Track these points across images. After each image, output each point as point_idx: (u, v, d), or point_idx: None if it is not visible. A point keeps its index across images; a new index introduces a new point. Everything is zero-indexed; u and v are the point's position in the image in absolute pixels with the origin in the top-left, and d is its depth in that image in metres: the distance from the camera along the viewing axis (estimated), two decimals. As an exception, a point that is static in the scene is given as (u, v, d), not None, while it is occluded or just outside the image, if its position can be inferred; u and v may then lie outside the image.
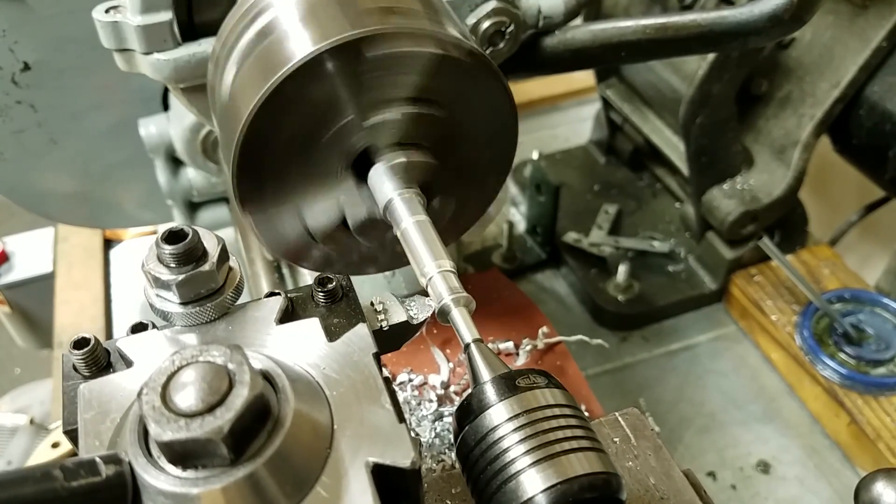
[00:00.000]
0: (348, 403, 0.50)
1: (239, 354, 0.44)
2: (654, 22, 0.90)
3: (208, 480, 0.43)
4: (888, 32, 1.15)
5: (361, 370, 0.52)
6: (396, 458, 0.47)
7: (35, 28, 1.04)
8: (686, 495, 0.68)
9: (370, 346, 0.54)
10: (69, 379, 0.56)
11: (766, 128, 1.31)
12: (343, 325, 0.56)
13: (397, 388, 1.07)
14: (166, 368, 0.44)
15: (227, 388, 0.43)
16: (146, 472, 0.44)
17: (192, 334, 0.57)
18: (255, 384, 0.43)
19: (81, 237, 1.63)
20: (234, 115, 0.66)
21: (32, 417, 1.67)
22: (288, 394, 0.47)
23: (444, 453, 0.98)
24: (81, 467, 0.42)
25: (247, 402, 0.42)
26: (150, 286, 0.56)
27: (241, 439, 0.43)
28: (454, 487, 0.71)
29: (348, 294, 0.60)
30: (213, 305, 0.57)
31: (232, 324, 0.58)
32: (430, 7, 0.69)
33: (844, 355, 1.24)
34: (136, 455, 0.44)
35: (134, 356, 0.56)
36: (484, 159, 0.75)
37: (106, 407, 0.51)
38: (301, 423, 0.46)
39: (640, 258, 1.47)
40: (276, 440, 0.44)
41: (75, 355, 0.55)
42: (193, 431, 0.41)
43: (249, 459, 0.43)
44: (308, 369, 0.52)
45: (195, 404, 0.42)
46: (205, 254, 0.56)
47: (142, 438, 0.45)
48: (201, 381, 0.43)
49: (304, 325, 0.56)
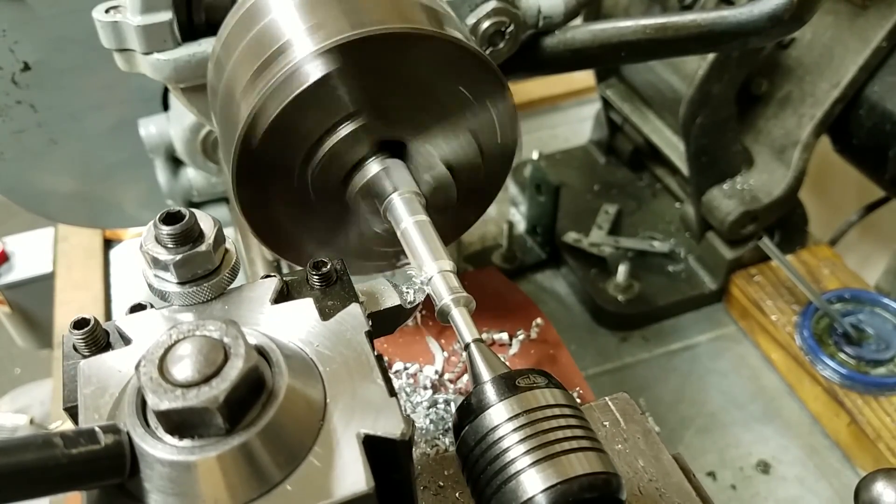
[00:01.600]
0: (341, 378, 0.51)
1: (234, 329, 0.46)
2: (654, 22, 0.90)
3: (204, 449, 0.44)
4: (888, 32, 1.15)
5: (354, 347, 0.53)
6: (387, 430, 0.48)
7: (35, 28, 1.04)
8: (674, 477, 0.69)
9: (363, 324, 0.55)
10: (69, 358, 0.57)
11: (766, 128, 1.31)
12: (337, 307, 0.57)
13: (392, 376, 1.08)
14: (163, 342, 0.45)
15: (222, 360, 0.44)
16: (144, 442, 0.45)
17: (189, 313, 0.58)
18: (250, 357, 0.45)
19: (81, 237, 1.63)
20: (234, 116, 0.66)
21: (32, 417, 1.67)
22: (282, 368, 0.48)
23: (437, 438, 0.99)
24: (81, 436, 0.43)
25: (242, 374, 0.43)
26: (149, 266, 0.57)
27: (236, 409, 0.44)
28: (447, 469, 0.72)
29: (342, 277, 0.61)
30: (209, 285, 0.58)
31: (228, 303, 0.59)
32: (428, 10, 0.69)
33: (844, 355, 1.24)
34: (135, 425, 0.45)
35: (132, 334, 0.57)
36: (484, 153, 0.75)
37: (105, 382, 0.52)
38: (294, 396, 0.47)
39: (640, 258, 1.47)
40: (270, 411, 0.45)
41: (75, 335, 0.56)
42: (190, 401, 0.42)
43: (244, 429, 0.44)
44: (301, 346, 0.53)
45: (191, 375, 0.43)
46: (201, 235, 0.57)
47: (140, 410, 0.46)
48: (197, 353, 0.44)
49: (299, 304, 0.57)
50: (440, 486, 0.71)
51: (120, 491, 0.46)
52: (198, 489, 0.44)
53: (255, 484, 0.45)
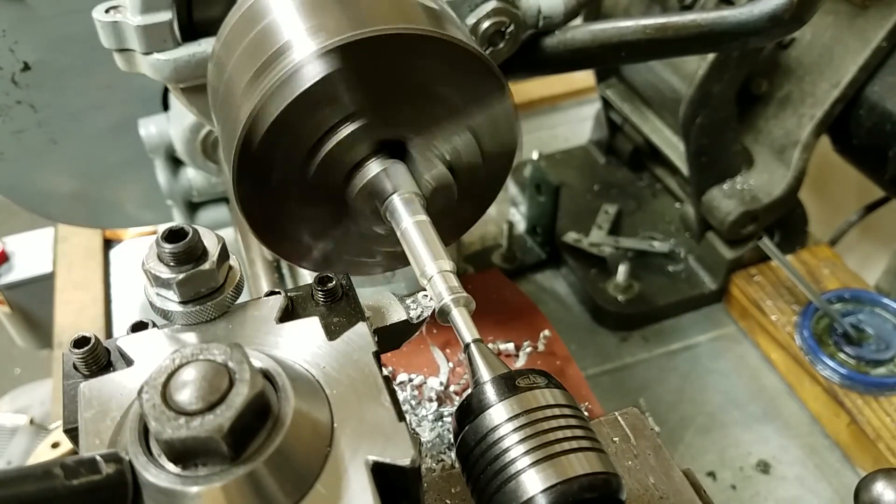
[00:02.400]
0: (348, 402, 0.50)
1: (239, 353, 0.45)
2: (654, 22, 0.90)
3: (208, 479, 0.43)
4: (888, 32, 1.15)
5: (361, 369, 0.52)
6: (396, 457, 0.47)
7: (35, 28, 1.04)
8: (686, 495, 0.68)
9: (370, 344, 0.54)
10: (69, 378, 0.56)
11: (766, 128, 1.31)
12: (343, 324, 0.57)
13: (397, 387, 1.07)
14: (166, 367, 0.44)
15: (227, 386, 0.43)
16: (146, 471, 0.43)
17: (192, 333, 0.57)
18: (256, 382, 0.43)
19: (81, 237, 1.63)
20: (234, 116, 0.66)
21: (32, 417, 1.67)
22: (288, 392, 0.47)
23: (444, 453, 0.98)
24: (82, 465, 0.42)
25: (247, 401, 0.42)
26: (151, 285, 0.56)
27: (242, 437, 0.43)
28: (454, 487, 0.71)
29: (348, 293, 0.60)
30: (213, 304, 0.57)
31: (232, 322, 0.58)
32: (429, 11, 0.69)
33: (844, 355, 1.24)
34: (137, 453, 0.44)
35: (134, 355, 0.56)
36: (483, 152, 0.75)
37: (106, 406, 0.51)
38: (301, 422, 0.46)
39: (640, 258, 1.47)
40: (277, 439, 0.44)
41: (75, 354, 0.55)
42: (194, 429, 0.41)
43: (249, 458, 0.43)
44: (308, 368, 0.52)
45: (195, 402, 0.42)
46: (205, 253, 0.56)
47: (142, 437, 0.45)
48: (201, 379, 0.43)
49: (304, 323, 0.56)
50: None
51: (122, 522, 0.45)
52: (202, 520, 0.43)
53: (261, 513, 0.43)
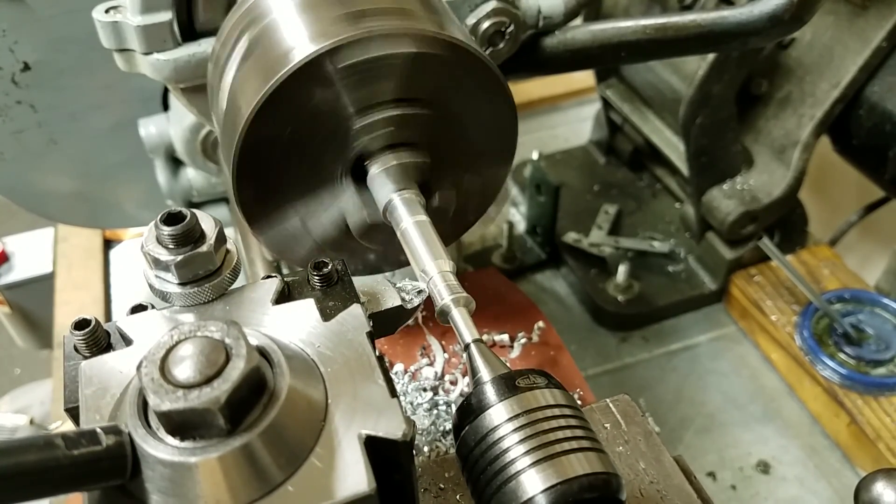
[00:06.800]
0: (342, 379, 0.51)
1: (235, 329, 0.46)
2: (654, 22, 0.90)
3: (205, 450, 0.44)
4: (888, 32, 1.15)
5: (355, 348, 0.53)
6: (389, 430, 0.48)
7: (35, 28, 1.04)
8: (675, 479, 0.69)
9: (364, 325, 0.55)
10: (70, 359, 0.57)
11: (766, 128, 1.31)
12: (338, 308, 0.57)
13: (392, 377, 1.08)
14: (165, 342, 0.45)
15: (224, 361, 0.44)
16: (145, 443, 0.45)
17: (190, 314, 0.58)
18: (252, 357, 0.45)
19: (81, 237, 1.63)
20: (234, 116, 0.66)
21: (32, 417, 1.67)
22: (283, 368, 0.48)
23: (438, 440, 0.99)
24: (83, 437, 0.43)
25: (243, 374, 0.43)
26: (150, 267, 0.57)
27: (238, 410, 0.44)
28: (447, 472, 0.72)
29: (343, 278, 0.61)
30: (210, 286, 0.58)
31: (229, 304, 0.59)
32: (429, 11, 0.69)
33: (844, 355, 1.24)
34: (136, 426, 0.46)
35: (133, 335, 0.57)
36: (483, 152, 0.75)
37: (106, 383, 0.52)
38: (295, 397, 0.47)
39: (640, 258, 1.47)
40: (272, 412, 0.45)
41: (76, 336, 0.56)
42: (191, 402, 0.42)
43: (245, 430, 0.44)
44: (303, 347, 0.53)
45: (193, 376, 0.43)
46: (203, 235, 0.57)
47: (141, 411, 0.47)
48: (199, 354, 0.44)
49: (300, 305, 0.57)
50: (441, 488, 0.71)
51: (121, 492, 0.46)
52: (199, 490, 0.44)
53: (256, 485, 0.45)
